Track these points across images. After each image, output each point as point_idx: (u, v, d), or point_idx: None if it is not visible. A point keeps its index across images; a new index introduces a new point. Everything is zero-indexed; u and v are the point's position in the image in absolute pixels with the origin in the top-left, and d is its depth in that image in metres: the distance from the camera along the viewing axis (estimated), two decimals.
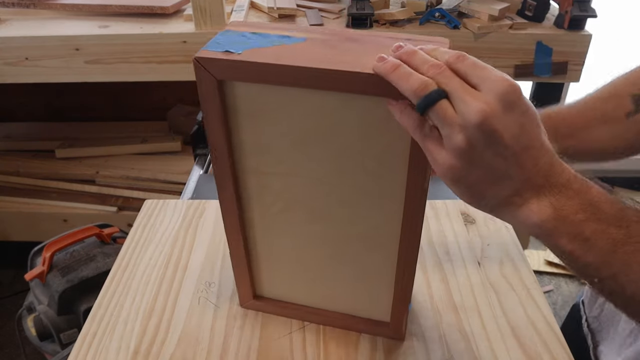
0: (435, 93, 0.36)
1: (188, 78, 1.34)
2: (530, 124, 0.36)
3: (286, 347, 0.60)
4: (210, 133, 0.48)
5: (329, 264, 0.58)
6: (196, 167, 1.04)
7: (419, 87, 0.36)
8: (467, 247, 0.74)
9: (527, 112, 0.35)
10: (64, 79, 1.35)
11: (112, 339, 0.61)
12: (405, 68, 0.37)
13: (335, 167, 0.48)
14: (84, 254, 1.22)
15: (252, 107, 0.46)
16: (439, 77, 0.36)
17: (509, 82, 0.35)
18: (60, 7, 1.45)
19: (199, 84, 0.44)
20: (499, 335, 0.61)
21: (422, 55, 0.38)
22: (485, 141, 0.35)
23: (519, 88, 0.35)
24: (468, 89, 0.35)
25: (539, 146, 0.36)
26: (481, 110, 0.34)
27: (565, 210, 0.36)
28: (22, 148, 1.86)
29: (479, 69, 0.36)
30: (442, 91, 0.36)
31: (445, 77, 0.36)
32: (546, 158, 0.36)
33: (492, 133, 0.35)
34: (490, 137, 0.35)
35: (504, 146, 0.35)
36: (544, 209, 0.36)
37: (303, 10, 1.43)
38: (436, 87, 0.36)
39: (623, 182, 2.23)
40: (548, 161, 0.36)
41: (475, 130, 0.35)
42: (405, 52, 0.39)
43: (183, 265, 0.71)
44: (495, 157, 0.36)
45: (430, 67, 0.37)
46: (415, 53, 0.38)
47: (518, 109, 0.35)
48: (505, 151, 0.35)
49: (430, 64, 0.37)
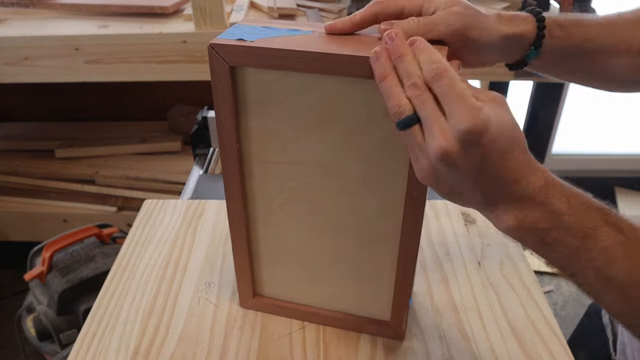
0: (409, 119, 0.39)
1: (188, 78, 1.34)
2: (492, 156, 0.37)
3: (286, 347, 0.60)
4: (220, 121, 0.49)
5: (330, 261, 0.58)
6: (196, 167, 1.04)
7: (396, 111, 0.39)
8: (467, 247, 0.74)
9: (489, 146, 0.37)
10: (63, 78, 1.35)
11: (111, 339, 0.61)
12: (390, 82, 0.39)
13: (339, 155, 0.49)
14: (83, 254, 1.22)
15: (261, 94, 0.48)
16: (415, 100, 0.38)
17: (472, 121, 0.36)
18: (59, 6, 1.45)
19: (212, 71, 0.46)
20: (499, 335, 0.61)
21: (407, 64, 0.39)
22: (447, 170, 0.38)
23: (482, 125, 0.36)
24: (437, 119, 0.37)
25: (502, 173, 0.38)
26: (441, 148, 0.37)
27: (528, 221, 0.39)
28: (21, 148, 1.86)
29: (450, 97, 0.37)
30: (414, 117, 0.38)
31: (421, 102, 0.38)
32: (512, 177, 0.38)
33: (451, 166, 0.38)
34: (450, 168, 0.38)
35: (463, 175, 0.38)
36: (509, 220, 0.40)
37: (303, 10, 1.43)
38: (411, 112, 0.38)
39: (623, 182, 2.23)
40: (512, 178, 0.38)
41: (436, 162, 0.38)
42: (394, 52, 0.40)
43: (183, 265, 0.71)
44: (458, 183, 0.39)
45: (409, 87, 0.38)
46: (403, 59, 0.39)
47: (478, 147, 0.36)
48: (465, 178, 0.38)
49: (411, 82, 0.38)
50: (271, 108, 0.48)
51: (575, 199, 0.39)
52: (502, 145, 0.37)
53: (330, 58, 0.42)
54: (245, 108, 0.49)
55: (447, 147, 0.36)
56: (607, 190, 2.22)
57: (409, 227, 0.51)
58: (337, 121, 0.47)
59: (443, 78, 0.37)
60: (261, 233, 0.58)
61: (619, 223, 0.39)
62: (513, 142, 0.38)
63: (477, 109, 0.36)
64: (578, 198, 0.39)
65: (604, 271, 0.38)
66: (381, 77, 0.40)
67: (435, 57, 0.38)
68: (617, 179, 2.24)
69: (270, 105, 0.48)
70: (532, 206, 0.39)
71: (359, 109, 0.46)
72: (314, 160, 0.51)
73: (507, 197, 0.39)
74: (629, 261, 0.38)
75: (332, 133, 0.48)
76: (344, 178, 0.51)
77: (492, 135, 0.36)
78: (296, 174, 0.52)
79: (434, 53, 0.38)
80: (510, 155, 0.38)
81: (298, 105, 0.47)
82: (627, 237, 0.38)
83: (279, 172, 0.53)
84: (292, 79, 0.46)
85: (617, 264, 0.38)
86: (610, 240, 0.38)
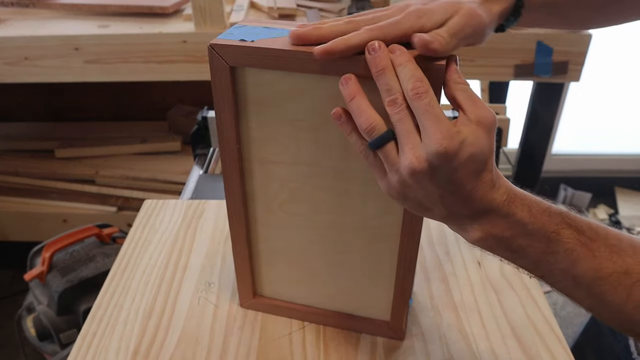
0: (382, 138, 0.40)
1: (188, 78, 1.34)
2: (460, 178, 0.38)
3: (286, 347, 0.60)
4: (220, 122, 0.49)
5: (330, 261, 0.58)
6: (196, 167, 1.04)
7: (368, 128, 0.40)
8: (467, 247, 0.74)
9: (459, 169, 0.38)
10: (63, 78, 1.35)
11: (111, 339, 0.61)
12: (360, 102, 0.40)
13: (339, 156, 0.49)
14: (83, 254, 1.22)
15: (261, 94, 0.48)
16: (393, 117, 0.39)
17: (444, 145, 0.37)
18: (59, 6, 1.45)
19: (212, 71, 0.46)
20: (499, 335, 0.61)
21: (388, 78, 0.39)
22: (415, 186, 0.40)
23: (453, 150, 0.37)
24: (411, 138, 0.38)
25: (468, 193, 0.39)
26: (411, 166, 0.38)
27: (494, 232, 0.41)
28: (21, 148, 1.86)
29: (427, 117, 0.38)
30: (389, 134, 0.40)
31: (398, 119, 0.39)
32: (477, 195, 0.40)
33: (420, 182, 0.39)
34: (418, 184, 0.39)
35: (432, 192, 0.40)
36: (476, 233, 0.41)
37: (303, 9, 1.43)
38: (384, 130, 0.40)
39: (623, 182, 2.23)
40: (478, 196, 0.40)
41: (407, 177, 0.39)
42: (377, 64, 0.40)
43: (183, 265, 0.71)
44: (425, 196, 0.40)
45: (389, 103, 0.39)
46: (384, 73, 0.40)
47: (446, 168, 0.38)
48: (433, 194, 0.40)
49: (391, 98, 0.39)
50: (271, 108, 0.48)
51: (537, 206, 0.41)
52: (472, 167, 0.38)
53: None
54: (246, 108, 0.49)
55: (417, 166, 0.38)
56: (607, 190, 2.22)
57: (409, 227, 0.51)
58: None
59: (423, 98, 0.38)
60: (261, 233, 0.58)
61: (579, 224, 0.40)
62: (484, 165, 0.39)
63: (451, 133, 0.37)
64: (539, 205, 0.41)
65: (571, 270, 0.40)
66: (349, 97, 0.41)
67: (417, 73, 0.39)
68: (617, 179, 2.24)
69: (270, 105, 0.48)
70: (496, 219, 0.40)
71: None
72: (314, 160, 0.51)
73: (472, 213, 0.41)
74: (593, 260, 0.40)
75: (332, 133, 0.48)
76: (344, 178, 0.51)
77: (463, 159, 0.38)
78: (296, 174, 0.52)
79: (415, 69, 0.39)
80: (477, 177, 0.39)
81: (298, 105, 0.47)
82: (588, 236, 0.40)
83: (279, 172, 0.53)
84: (293, 80, 0.46)
85: (582, 263, 0.40)
86: (573, 241, 0.40)
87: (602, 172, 2.24)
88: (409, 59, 0.39)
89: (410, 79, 0.38)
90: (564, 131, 2.13)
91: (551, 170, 2.20)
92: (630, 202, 2.16)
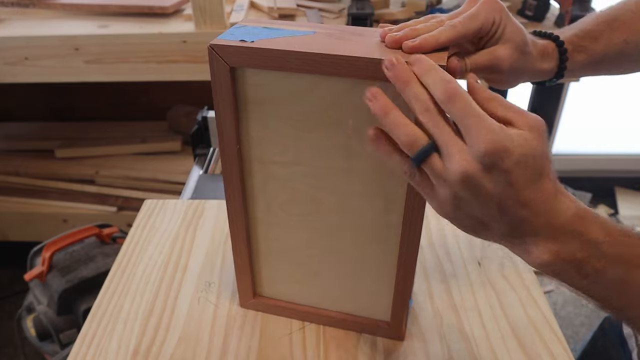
0: (425, 151, 0.36)
1: (188, 78, 1.34)
2: (517, 183, 0.35)
3: (286, 347, 0.60)
4: (220, 122, 0.49)
5: (330, 261, 0.58)
6: (196, 167, 1.04)
7: (409, 143, 0.37)
8: (467, 247, 0.74)
9: (514, 171, 0.35)
10: (63, 78, 1.35)
11: (111, 339, 0.61)
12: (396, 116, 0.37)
13: (340, 156, 0.49)
14: (83, 254, 1.22)
15: (261, 95, 0.47)
16: (430, 125, 0.36)
17: (491, 142, 0.34)
18: (59, 6, 1.45)
19: (212, 72, 0.46)
20: (499, 335, 0.61)
21: (414, 89, 0.37)
22: (470, 195, 0.36)
23: (501, 147, 0.34)
24: (454, 143, 0.35)
25: (528, 202, 0.36)
26: (462, 170, 0.35)
27: (564, 253, 0.36)
28: (21, 148, 1.86)
29: (468, 119, 0.35)
30: (431, 146, 0.36)
31: (436, 127, 0.36)
32: (541, 206, 0.36)
33: (474, 189, 0.35)
34: (473, 192, 0.36)
35: (486, 201, 0.36)
36: (542, 254, 0.37)
37: (303, 9, 1.43)
38: (425, 141, 0.36)
39: (623, 182, 2.23)
40: (543, 208, 0.36)
41: (459, 187, 0.36)
42: (398, 79, 0.37)
43: (183, 265, 0.71)
44: (481, 207, 0.36)
45: (422, 113, 0.36)
46: (409, 84, 0.37)
47: (500, 168, 0.34)
48: (488, 205, 0.36)
49: (423, 107, 0.36)
50: (271, 109, 0.48)
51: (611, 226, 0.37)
52: (529, 172, 0.35)
53: (331, 59, 0.42)
54: (246, 109, 0.49)
55: (469, 169, 0.34)
56: (607, 190, 2.22)
57: (409, 227, 0.51)
58: (338, 122, 0.47)
59: (458, 100, 0.35)
60: (261, 233, 0.58)
61: None
62: (542, 170, 0.36)
63: (495, 130, 0.34)
64: (614, 226, 0.37)
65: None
66: (383, 113, 0.38)
67: (445, 76, 0.36)
68: (617, 179, 2.24)
69: (270, 106, 0.48)
70: (565, 237, 0.36)
71: (360, 110, 0.45)
72: (315, 160, 0.51)
73: (535, 228, 0.36)
74: None
75: (333, 134, 0.48)
76: (345, 178, 0.51)
77: (515, 160, 0.34)
78: (296, 175, 0.52)
79: (442, 72, 0.36)
80: (536, 184, 0.35)
81: (298, 106, 0.47)
82: None
83: (279, 173, 0.53)
84: (293, 80, 0.46)
85: None
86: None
87: (602, 172, 2.24)
88: (432, 66, 0.37)
89: (439, 83, 0.35)
90: (564, 131, 2.13)
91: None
92: (630, 202, 2.16)
